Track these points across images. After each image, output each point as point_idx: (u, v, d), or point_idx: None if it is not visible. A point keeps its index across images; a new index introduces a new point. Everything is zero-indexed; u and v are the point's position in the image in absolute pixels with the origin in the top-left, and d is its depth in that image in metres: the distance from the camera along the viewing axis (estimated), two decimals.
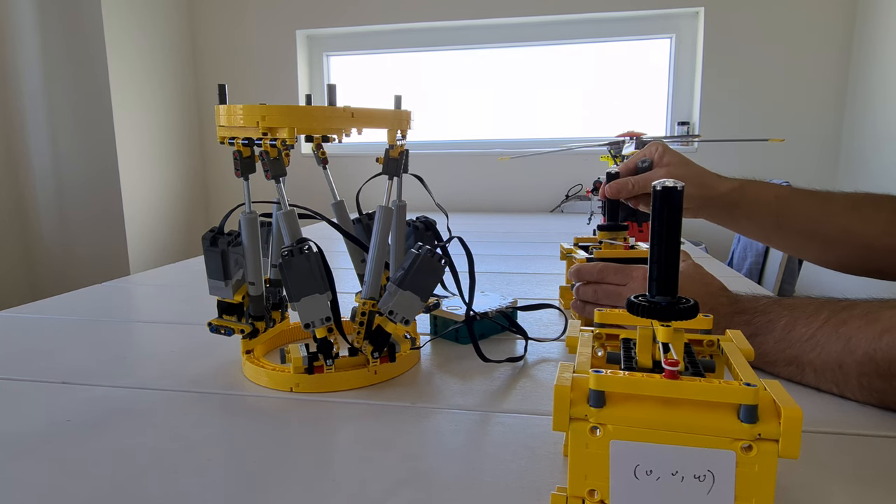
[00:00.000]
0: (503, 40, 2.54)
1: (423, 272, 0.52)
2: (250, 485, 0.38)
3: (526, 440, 0.43)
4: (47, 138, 2.32)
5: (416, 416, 0.47)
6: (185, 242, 2.70)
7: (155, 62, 2.50)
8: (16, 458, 0.41)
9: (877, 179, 2.06)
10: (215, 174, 2.82)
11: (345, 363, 0.54)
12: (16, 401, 0.51)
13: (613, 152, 1.27)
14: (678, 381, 0.28)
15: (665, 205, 0.30)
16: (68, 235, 2.38)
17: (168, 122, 2.59)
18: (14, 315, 0.79)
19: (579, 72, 2.55)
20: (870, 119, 2.12)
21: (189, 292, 0.92)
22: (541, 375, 0.56)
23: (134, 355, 0.64)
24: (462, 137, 2.66)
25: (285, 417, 0.48)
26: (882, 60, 2.05)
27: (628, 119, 2.53)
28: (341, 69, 2.75)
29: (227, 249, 0.54)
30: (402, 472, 0.39)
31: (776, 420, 0.27)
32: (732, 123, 2.35)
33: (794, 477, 0.38)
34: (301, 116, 0.49)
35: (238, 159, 0.52)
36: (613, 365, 0.37)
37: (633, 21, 2.44)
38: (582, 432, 0.29)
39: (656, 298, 0.31)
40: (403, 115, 0.54)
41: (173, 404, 0.50)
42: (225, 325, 0.56)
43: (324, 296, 0.51)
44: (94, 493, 0.37)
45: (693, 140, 2.37)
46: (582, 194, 2.42)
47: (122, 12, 2.31)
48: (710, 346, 0.38)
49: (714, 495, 0.28)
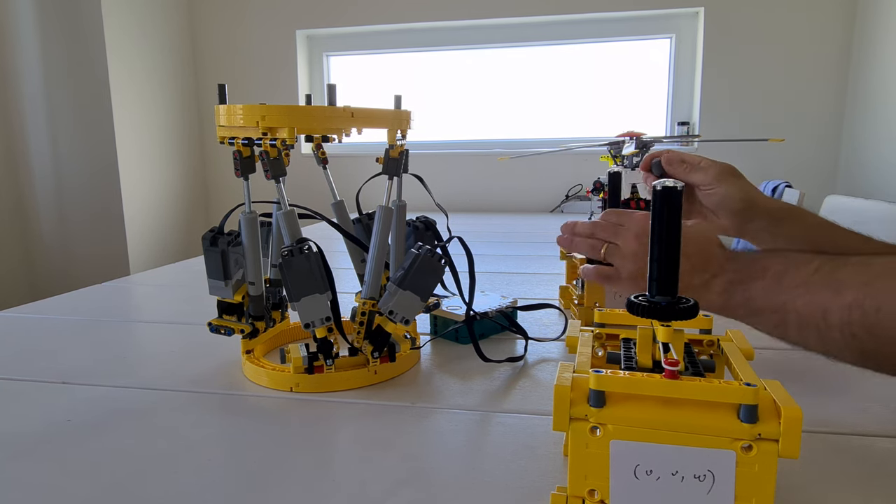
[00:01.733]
0: (503, 40, 2.54)
1: (423, 272, 0.52)
2: (250, 485, 0.38)
3: (526, 440, 0.43)
4: (47, 138, 2.32)
5: (416, 416, 0.47)
6: (185, 242, 2.70)
7: (155, 62, 2.50)
8: (16, 457, 0.41)
9: (877, 180, 2.06)
10: (215, 174, 2.82)
11: (345, 363, 0.54)
12: (16, 401, 0.51)
13: (613, 152, 1.27)
14: (678, 381, 0.28)
15: (665, 205, 0.30)
16: (68, 235, 2.38)
17: (168, 122, 2.59)
18: (14, 315, 0.79)
19: (579, 72, 2.54)
20: (870, 119, 2.12)
21: (189, 292, 0.92)
22: (541, 375, 0.56)
23: (134, 355, 0.64)
24: (462, 137, 2.65)
25: (285, 417, 0.48)
26: (882, 60, 2.05)
27: (628, 119, 2.52)
28: (341, 69, 2.75)
29: (227, 249, 0.54)
30: (402, 472, 0.39)
31: (776, 420, 0.27)
32: (732, 123, 2.35)
33: (794, 477, 0.38)
34: (301, 116, 0.49)
35: (238, 159, 0.52)
36: (613, 365, 0.37)
37: (633, 21, 2.44)
38: (582, 432, 0.29)
39: (656, 298, 0.31)
40: (403, 115, 0.54)
41: (173, 404, 0.50)
42: (225, 325, 0.56)
43: (324, 296, 0.51)
44: (94, 493, 0.37)
45: (693, 140, 2.37)
46: (582, 194, 2.42)
47: (122, 12, 2.31)
48: (710, 346, 0.38)
49: (714, 495, 0.28)
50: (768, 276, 0.51)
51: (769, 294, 0.51)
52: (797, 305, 0.49)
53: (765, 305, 0.51)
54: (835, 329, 0.46)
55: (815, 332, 0.48)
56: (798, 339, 0.49)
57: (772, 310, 0.51)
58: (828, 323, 0.47)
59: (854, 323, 0.45)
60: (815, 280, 0.48)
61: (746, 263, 0.53)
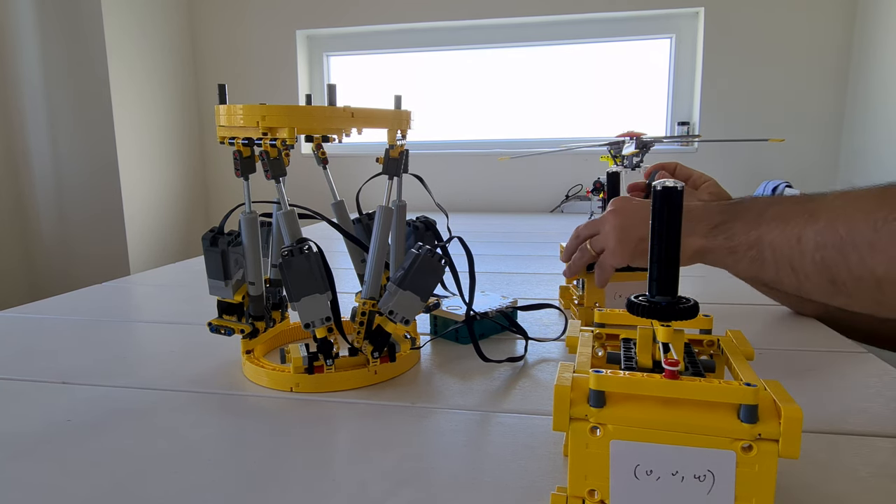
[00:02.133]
0: (503, 40, 2.54)
1: (423, 272, 0.52)
2: (250, 485, 0.38)
3: (526, 440, 0.43)
4: (47, 138, 2.32)
5: (416, 416, 0.47)
6: (185, 242, 2.70)
7: (155, 62, 2.50)
8: (16, 457, 0.41)
9: (877, 180, 2.06)
10: (215, 174, 2.82)
11: (345, 363, 0.54)
12: (16, 401, 0.51)
13: (613, 152, 1.27)
14: (678, 381, 0.28)
15: (665, 205, 0.30)
16: (68, 235, 2.38)
17: (168, 122, 2.59)
18: (14, 315, 0.79)
19: (579, 72, 2.54)
20: (870, 119, 2.12)
21: (189, 292, 0.92)
22: (541, 375, 0.56)
23: (134, 355, 0.64)
24: (462, 137, 2.65)
25: (285, 417, 0.48)
26: (882, 60, 2.05)
27: (628, 119, 2.52)
28: (341, 69, 2.75)
29: (227, 249, 0.54)
30: (402, 472, 0.39)
31: (776, 420, 0.27)
32: (732, 123, 2.35)
33: (794, 477, 0.38)
34: (301, 116, 0.49)
35: (238, 159, 0.52)
36: (613, 365, 0.37)
37: (633, 21, 2.44)
38: (582, 432, 0.29)
39: (656, 298, 0.31)
40: (403, 115, 0.54)
41: (173, 404, 0.50)
42: (225, 325, 0.56)
43: (324, 296, 0.51)
44: (94, 493, 0.37)
45: (693, 140, 2.37)
46: (582, 194, 2.42)
47: (122, 12, 2.31)
48: (710, 346, 0.38)
49: (714, 495, 0.28)
50: (750, 215, 0.53)
51: (748, 228, 0.52)
52: (773, 237, 0.50)
53: (742, 241, 0.52)
54: (808, 255, 0.47)
55: (789, 265, 0.48)
56: (774, 277, 0.50)
57: (748, 245, 0.52)
58: (802, 249, 0.47)
59: (827, 245, 0.46)
60: (792, 211, 0.50)
61: (730, 206, 0.55)
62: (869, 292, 0.45)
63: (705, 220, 0.55)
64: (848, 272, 0.45)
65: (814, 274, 0.47)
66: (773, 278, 0.51)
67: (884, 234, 0.43)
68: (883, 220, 0.44)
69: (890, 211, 0.44)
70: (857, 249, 0.45)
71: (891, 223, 0.43)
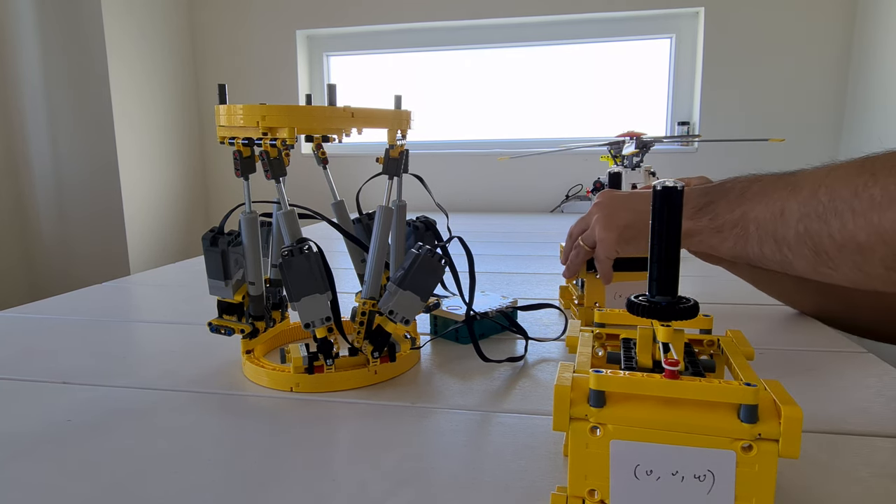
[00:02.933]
0: (503, 40, 2.54)
1: (423, 272, 0.52)
2: (250, 485, 0.38)
3: (526, 440, 0.43)
4: (47, 138, 2.32)
5: (416, 416, 0.47)
6: (185, 242, 2.70)
7: (155, 63, 2.50)
8: (15, 457, 0.41)
9: None
10: (215, 174, 2.82)
11: (345, 363, 0.54)
12: (16, 401, 0.51)
13: (613, 152, 1.27)
14: (678, 381, 0.28)
15: (665, 204, 0.30)
16: (68, 235, 2.38)
17: (168, 122, 2.59)
18: (14, 315, 0.79)
19: (579, 72, 2.54)
20: (870, 119, 2.12)
21: (189, 292, 0.92)
22: (541, 375, 0.56)
23: (134, 355, 0.64)
24: (462, 137, 2.65)
25: (285, 417, 0.48)
26: (882, 60, 2.05)
27: (628, 119, 2.52)
28: (341, 69, 2.75)
29: (227, 249, 0.54)
30: (402, 472, 0.39)
31: (776, 420, 0.27)
32: (732, 123, 2.35)
33: (794, 477, 0.38)
34: (301, 116, 0.49)
35: (238, 159, 0.52)
36: (613, 365, 0.37)
37: (633, 21, 2.44)
38: (582, 432, 0.29)
39: (656, 298, 0.31)
40: (403, 115, 0.54)
41: (173, 404, 0.50)
42: (225, 325, 0.56)
43: (324, 296, 0.51)
44: (94, 493, 0.37)
45: (693, 140, 2.37)
46: (582, 194, 2.42)
47: (122, 13, 2.31)
48: (710, 345, 0.38)
49: (714, 495, 0.28)
50: (732, 194, 0.53)
51: (731, 206, 0.53)
52: (757, 212, 0.50)
53: (727, 220, 0.53)
54: (791, 227, 0.47)
55: (773, 238, 0.49)
56: (758, 252, 0.51)
57: (733, 223, 0.52)
58: (785, 220, 0.47)
59: (810, 215, 0.46)
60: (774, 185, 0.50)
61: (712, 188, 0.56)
62: (852, 260, 0.45)
63: (689, 203, 0.56)
64: (831, 240, 0.45)
65: (797, 245, 0.47)
66: (757, 254, 0.51)
67: (864, 199, 0.43)
68: (863, 186, 0.44)
69: (870, 176, 0.44)
70: (840, 216, 0.45)
71: (871, 188, 0.44)
